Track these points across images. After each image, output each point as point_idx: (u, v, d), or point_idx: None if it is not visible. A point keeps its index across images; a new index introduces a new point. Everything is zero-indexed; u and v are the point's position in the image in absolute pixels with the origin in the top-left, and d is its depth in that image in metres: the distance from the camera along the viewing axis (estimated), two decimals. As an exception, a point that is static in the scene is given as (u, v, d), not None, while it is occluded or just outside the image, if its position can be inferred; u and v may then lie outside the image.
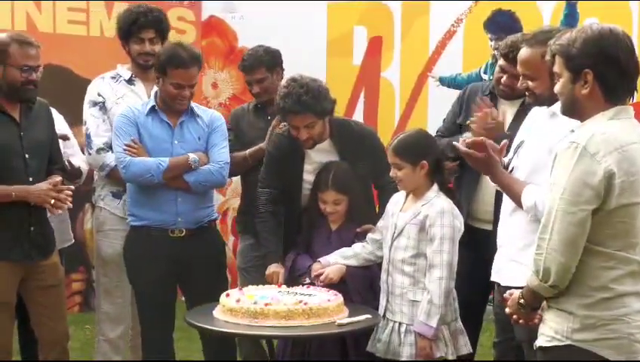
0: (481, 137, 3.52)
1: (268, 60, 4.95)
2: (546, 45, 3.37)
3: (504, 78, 4.19)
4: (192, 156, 4.22)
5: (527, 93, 3.57)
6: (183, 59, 4.19)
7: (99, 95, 4.60)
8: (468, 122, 4.11)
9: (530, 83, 3.51)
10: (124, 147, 4.21)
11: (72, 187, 4.16)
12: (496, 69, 4.30)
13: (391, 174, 3.93)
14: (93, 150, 4.55)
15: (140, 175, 4.18)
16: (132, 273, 4.39)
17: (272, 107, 4.86)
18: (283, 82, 4.23)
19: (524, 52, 3.55)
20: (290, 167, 4.30)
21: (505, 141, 3.57)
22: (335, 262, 4.10)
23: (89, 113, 4.59)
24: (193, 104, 4.39)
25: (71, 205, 4.11)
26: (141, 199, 4.28)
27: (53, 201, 4.01)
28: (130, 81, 4.65)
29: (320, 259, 4.13)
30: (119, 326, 4.65)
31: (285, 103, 4.10)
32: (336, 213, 4.18)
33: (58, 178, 4.12)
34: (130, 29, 4.59)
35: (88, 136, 4.56)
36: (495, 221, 4.15)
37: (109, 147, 4.52)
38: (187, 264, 4.29)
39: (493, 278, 3.66)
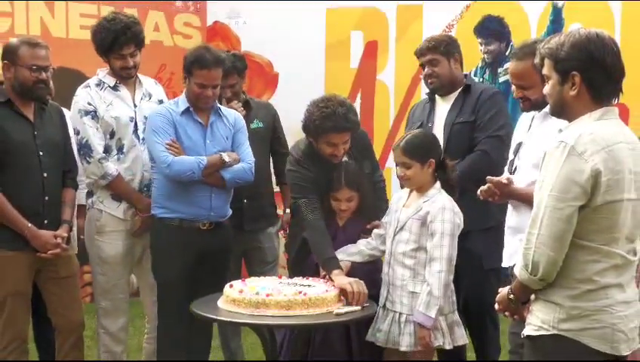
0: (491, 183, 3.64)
1: (240, 66, 4.93)
2: (532, 56, 3.43)
3: (426, 70, 4.49)
4: (224, 155, 4.27)
5: (521, 101, 3.63)
6: (207, 60, 4.21)
7: (89, 104, 4.43)
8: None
9: (525, 92, 3.60)
10: (166, 146, 4.20)
11: (67, 248, 4.20)
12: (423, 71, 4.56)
13: (398, 173, 3.92)
14: (94, 159, 4.40)
15: (183, 172, 4.19)
16: (160, 262, 4.37)
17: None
18: (317, 102, 4.10)
19: (515, 66, 3.64)
20: (322, 184, 4.18)
21: (509, 176, 3.68)
22: (340, 260, 4.07)
23: (82, 122, 4.41)
24: (218, 105, 4.42)
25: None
26: (176, 194, 4.28)
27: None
28: (115, 88, 4.52)
29: None
30: (119, 319, 4.60)
31: (335, 122, 4.00)
32: (348, 209, 4.17)
33: (65, 233, 4.15)
34: (112, 46, 4.44)
35: (86, 146, 4.41)
36: None
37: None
38: (207, 254, 4.32)
39: (504, 264, 3.70)
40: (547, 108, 3.45)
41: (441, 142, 4.30)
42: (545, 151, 2.71)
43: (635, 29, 5.86)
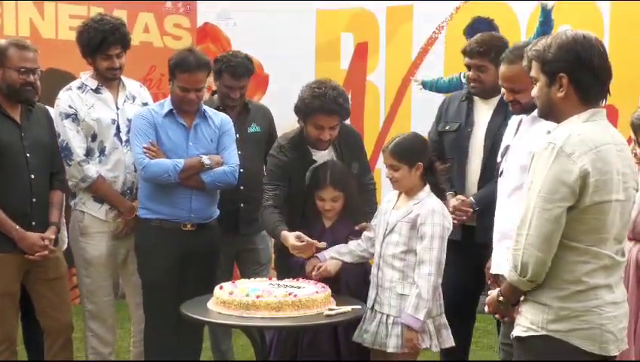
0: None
1: (251, 69, 4.93)
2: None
3: (470, 73, 4.28)
4: (204, 158, 4.26)
5: (511, 104, 3.62)
6: (190, 64, 4.20)
7: (70, 107, 4.42)
8: None
9: (516, 95, 3.58)
10: (144, 149, 4.21)
11: (55, 250, 4.22)
12: (466, 69, 4.38)
13: (387, 175, 3.92)
14: (74, 162, 4.40)
15: (159, 175, 4.20)
16: (143, 263, 4.39)
17: (234, 110, 4.81)
18: (311, 84, 4.14)
19: (506, 69, 3.61)
20: (300, 173, 4.22)
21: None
22: (331, 257, 4.07)
23: (63, 125, 4.40)
24: (204, 107, 4.40)
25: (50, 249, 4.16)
26: (157, 195, 4.29)
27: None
28: (97, 91, 4.50)
29: (317, 255, 4.08)
30: (106, 321, 4.60)
31: (323, 102, 4.02)
32: (333, 209, 4.16)
33: (52, 235, 4.16)
34: (99, 46, 4.42)
35: (67, 148, 4.40)
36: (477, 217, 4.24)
37: (86, 157, 4.44)
38: (192, 255, 4.31)
39: (492, 271, 3.70)
40: (536, 112, 3.47)
41: (481, 148, 4.25)
42: (533, 153, 2.71)
43: (624, 29, 5.88)
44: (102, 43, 4.40)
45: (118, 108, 4.51)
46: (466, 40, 6.39)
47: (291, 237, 3.96)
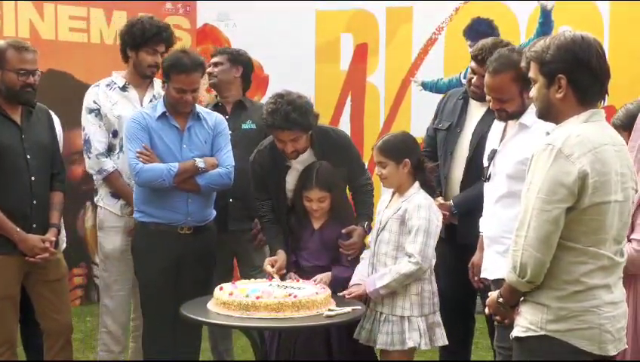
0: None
1: (233, 55, 5.01)
2: (510, 68, 3.43)
3: (474, 79, 4.20)
4: (198, 161, 4.26)
5: (497, 112, 3.62)
6: (185, 65, 4.20)
7: (94, 102, 4.54)
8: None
9: (503, 105, 3.58)
10: (137, 154, 4.21)
11: (56, 252, 4.19)
12: (469, 70, 4.32)
13: (376, 172, 3.96)
14: (92, 155, 4.52)
15: (153, 180, 4.20)
16: (139, 265, 4.40)
17: (230, 105, 4.88)
18: (269, 98, 4.17)
19: (492, 80, 3.60)
20: (274, 180, 4.28)
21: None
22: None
23: (86, 119, 4.55)
24: (198, 108, 4.40)
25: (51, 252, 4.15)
26: (152, 199, 4.28)
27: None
28: (123, 89, 4.59)
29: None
30: (120, 318, 4.64)
31: (274, 119, 4.04)
32: (320, 209, 4.18)
33: (53, 237, 4.16)
34: (151, 39, 4.52)
35: (87, 141, 4.54)
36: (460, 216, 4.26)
37: (106, 151, 4.55)
38: (189, 257, 4.31)
39: (482, 275, 3.72)
40: (522, 119, 3.51)
41: (467, 149, 4.24)
42: (532, 154, 2.72)
43: (623, 30, 5.90)
44: (155, 35, 4.52)
45: (142, 107, 4.55)
46: (465, 41, 6.45)
47: (267, 263, 4.17)
